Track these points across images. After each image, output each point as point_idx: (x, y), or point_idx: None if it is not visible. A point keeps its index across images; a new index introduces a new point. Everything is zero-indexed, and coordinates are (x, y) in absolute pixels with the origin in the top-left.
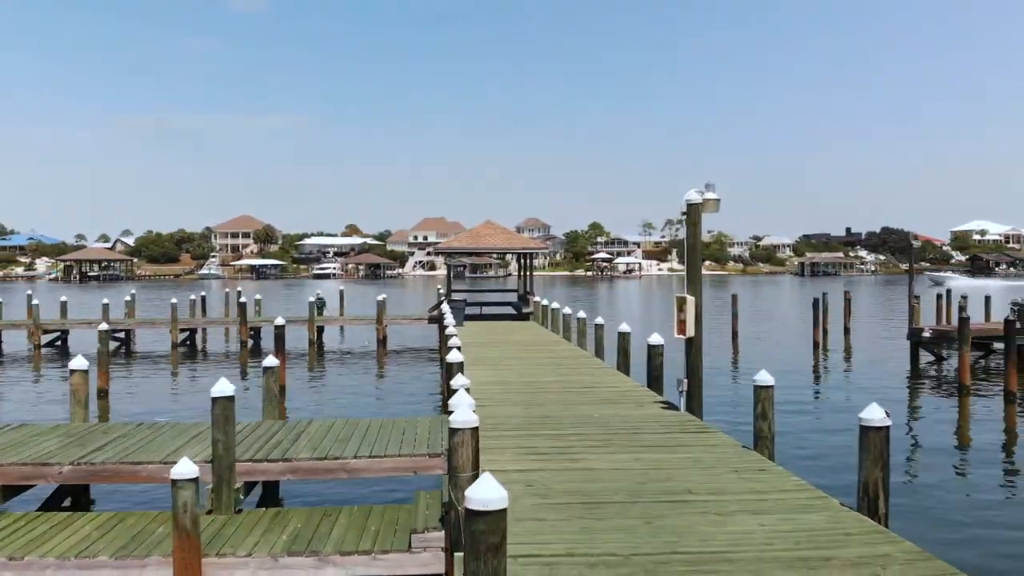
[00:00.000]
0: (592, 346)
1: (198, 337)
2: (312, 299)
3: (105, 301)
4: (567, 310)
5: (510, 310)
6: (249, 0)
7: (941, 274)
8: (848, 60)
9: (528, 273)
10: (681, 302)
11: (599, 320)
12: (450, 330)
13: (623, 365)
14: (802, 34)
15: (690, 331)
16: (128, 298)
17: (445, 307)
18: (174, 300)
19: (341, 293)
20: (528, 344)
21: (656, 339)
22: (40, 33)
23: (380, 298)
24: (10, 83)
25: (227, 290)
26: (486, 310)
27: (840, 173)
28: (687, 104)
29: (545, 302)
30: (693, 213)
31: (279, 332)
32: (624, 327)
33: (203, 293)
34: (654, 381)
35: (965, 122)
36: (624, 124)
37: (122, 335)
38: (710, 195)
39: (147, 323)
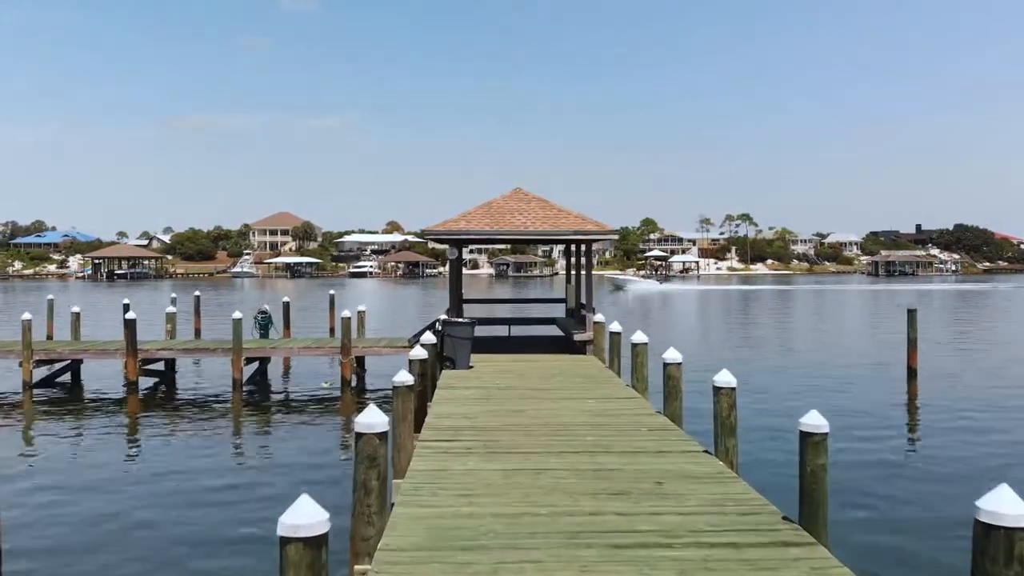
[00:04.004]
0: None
1: (83, 369)
2: (238, 315)
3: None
4: (674, 356)
5: (554, 330)
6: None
7: (622, 277)
8: (912, 51)
9: (583, 273)
10: None
11: (818, 421)
12: (364, 423)
13: None
14: (868, 27)
15: None
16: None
17: (427, 338)
18: (27, 315)
19: (331, 298)
20: (585, 431)
21: None
22: (92, 35)
23: (346, 314)
24: (63, 83)
25: (175, 294)
26: (516, 331)
27: (906, 168)
28: (744, 95)
29: (616, 327)
30: None
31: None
32: None
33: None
34: None
35: None
36: (677, 115)
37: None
38: None
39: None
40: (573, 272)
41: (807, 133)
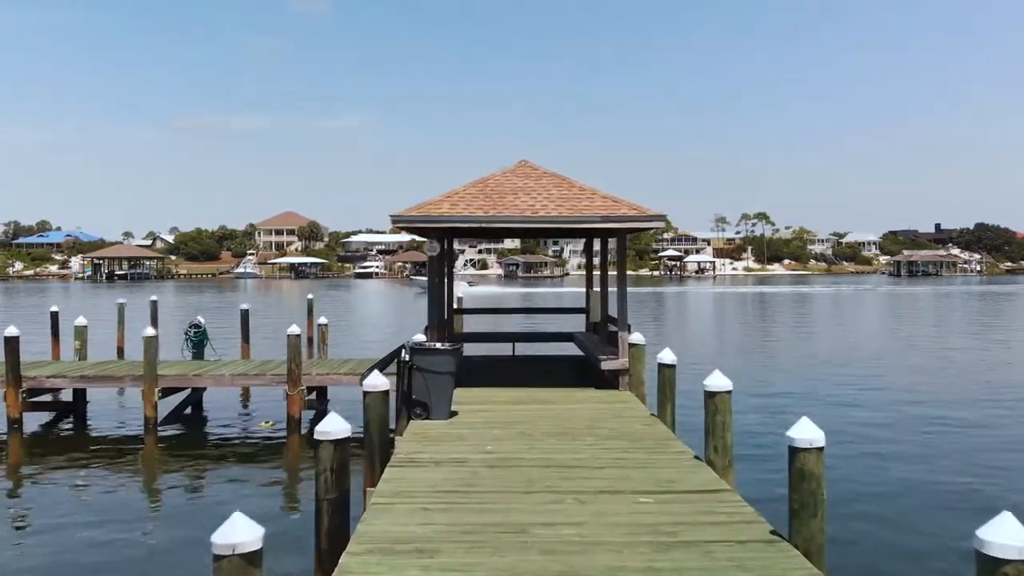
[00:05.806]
0: None
1: None
2: (151, 332)
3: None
4: (811, 434)
5: (571, 348)
6: (309, 1)
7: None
8: (927, 49)
9: (612, 275)
10: None
11: None
12: None
13: None
14: (880, 25)
15: None
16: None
17: (374, 382)
18: None
19: (309, 303)
20: None
21: None
22: (97, 35)
23: (294, 330)
24: (75, 85)
25: (123, 299)
26: (519, 350)
27: (921, 167)
28: (759, 93)
29: (669, 357)
30: None
31: None
32: None
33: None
34: None
35: None
36: (689, 112)
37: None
38: None
39: None
40: (597, 273)
41: (821, 131)
